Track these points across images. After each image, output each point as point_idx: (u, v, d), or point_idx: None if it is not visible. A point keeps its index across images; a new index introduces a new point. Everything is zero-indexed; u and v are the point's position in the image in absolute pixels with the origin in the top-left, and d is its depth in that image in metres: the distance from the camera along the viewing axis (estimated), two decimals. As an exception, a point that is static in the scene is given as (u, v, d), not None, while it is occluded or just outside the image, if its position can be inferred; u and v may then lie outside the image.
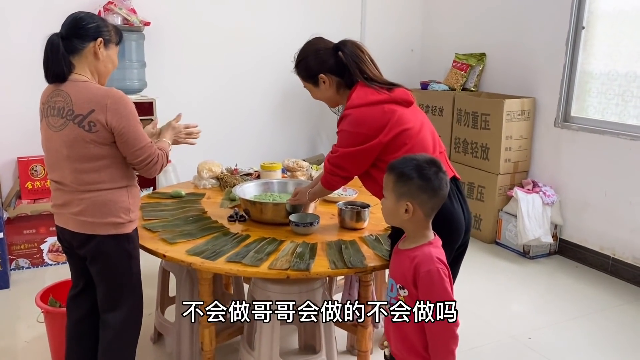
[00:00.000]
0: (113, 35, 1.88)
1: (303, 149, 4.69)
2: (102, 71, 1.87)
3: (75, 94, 1.77)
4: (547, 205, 3.69)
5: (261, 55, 4.34)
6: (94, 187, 1.80)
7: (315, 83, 1.99)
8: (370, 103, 1.85)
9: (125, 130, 1.76)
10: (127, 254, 1.88)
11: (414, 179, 1.46)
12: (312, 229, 2.17)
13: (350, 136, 1.87)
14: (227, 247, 2.03)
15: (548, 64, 3.80)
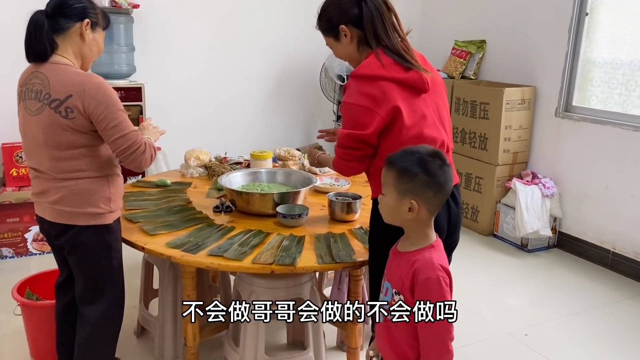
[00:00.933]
0: (100, 19, 1.79)
1: (297, 137, 4.58)
2: (86, 54, 1.78)
3: (53, 77, 1.68)
4: (547, 198, 3.59)
5: (255, 39, 4.22)
6: (72, 175, 1.71)
7: (336, 36, 1.74)
8: (378, 77, 1.60)
9: (103, 117, 1.66)
10: (106, 246, 1.80)
11: (418, 175, 1.32)
12: (300, 221, 2.08)
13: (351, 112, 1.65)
14: (210, 239, 1.94)
15: (550, 52, 3.68)
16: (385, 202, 1.40)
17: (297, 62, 4.39)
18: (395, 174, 1.36)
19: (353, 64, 1.79)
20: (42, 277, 2.32)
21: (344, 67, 4.03)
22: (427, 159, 1.34)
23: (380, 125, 1.60)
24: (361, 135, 1.61)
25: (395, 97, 1.60)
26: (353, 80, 1.66)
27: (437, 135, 1.67)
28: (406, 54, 1.66)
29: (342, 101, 1.68)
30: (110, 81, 3.49)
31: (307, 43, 4.35)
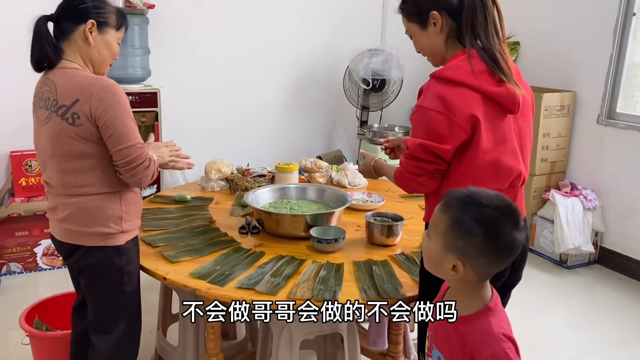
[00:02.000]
0: (112, 18, 1.62)
1: (319, 144, 4.38)
2: (95, 58, 1.61)
3: (60, 82, 1.54)
4: (588, 211, 3.36)
5: (276, 41, 4.01)
6: (80, 190, 1.55)
7: (422, 23, 1.49)
8: (464, 84, 1.37)
9: (110, 122, 1.49)
10: (117, 269, 1.62)
11: (478, 237, 1.05)
12: (336, 246, 1.87)
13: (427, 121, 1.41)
14: (238, 267, 1.74)
15: (592, 55, 3.44)
16: (428, 246, 1.15)
17: (319, 65, 4.19)
18: (448, 222, 1.09)
19: (435, 60, 1.56)
20: (53, 302, 2.14)
21: (369, 70, 3.82)
22: (495, 218, 1.05)
23: (462, 138, 1.37)
24: (438, 147, 1.39)
25: (473, 107, 1.37)
26: (434, 82, 1.42)
27: (515, 165, 1.44)
28: (503, 62, 1.41)
29: (417, 105, 1.45)
30: (124, 86, 3.31)
31: (330, 45, 4.14)
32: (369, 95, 4.00)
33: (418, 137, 1.42)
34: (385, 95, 4.00)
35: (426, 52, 1.55)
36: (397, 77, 3.89)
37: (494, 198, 1.08)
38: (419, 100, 1.45)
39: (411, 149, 1.43)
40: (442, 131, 1.37)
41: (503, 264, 1.11)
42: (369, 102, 4.04)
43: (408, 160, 1.45)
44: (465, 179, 1.40)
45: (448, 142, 1.38)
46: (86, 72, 1.58)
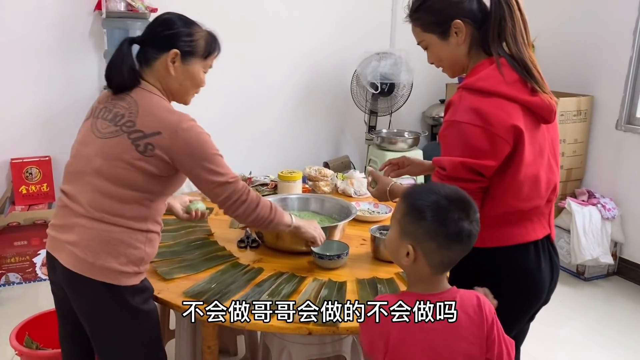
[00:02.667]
0: (199, 46, 1.52)
1: (326, 150, 4.27)
2: (174, 89, 1.53)
3: (144, 106, 1.44)
4: (607, 220, 3.22)
5: (282, 45, 3.92)
6: (110, 218, 1.41)
7: (443, 34, 1.38)
8: (499, 94, 1.28)
9: (197, 164, 1.44)
10: (130, 310, 1.44)
11: (426, 221, 1.12)
12: (339, 262, 1.77)
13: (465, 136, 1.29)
14: (234, 285, 1.64)
15: (610, 57, 3.30)
16: (389, 235, 1.23)
17: (326, 69, 4.08)
18: (404, 209, 1.17)
19: (454, 71, 1.45)
20: (45, 318, 2.05)
21: (378, 74, 3.71)
22: (445, 205, 1.12)
23: (505, 151, 1.27)
24: (480, 164, 1.27)
25: (516, 119, 1.26)
26: (466, 94, 1.31)
27: (552, 177, 1.36)
28: (535, 70, 1.31)
29: (448, 120, 1.32)
30: (126, 91, 3.24)
31: (338, 48, 4.04)
32: (378, 99, 3.89)
33: (454, 155, 1.29)
34: (394, 100, 3.89)
35: (445, 63, 1.44)
36: (406, 81, 3.78)
37: (449, 190, 1.16)
38: (449, 114, 1.33)
39: (449, 169, 1.30)
40: (482, 146, 1.26)
41: (452, 251, 1.15)
42: (377, 106, 3.93)
43: (447, 183, 1.29)
44: (508, 195, 1.32)
45: (490, 157, 1.27)
46: (168, 104, 1.50)
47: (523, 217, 1.37)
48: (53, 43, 3.25)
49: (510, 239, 1.37)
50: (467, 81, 1.34)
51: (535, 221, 1.40)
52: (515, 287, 1.38)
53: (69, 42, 3.29)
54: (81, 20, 3.29)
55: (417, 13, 1.41)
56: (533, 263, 1.39)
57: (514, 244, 1.37)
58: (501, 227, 1.37)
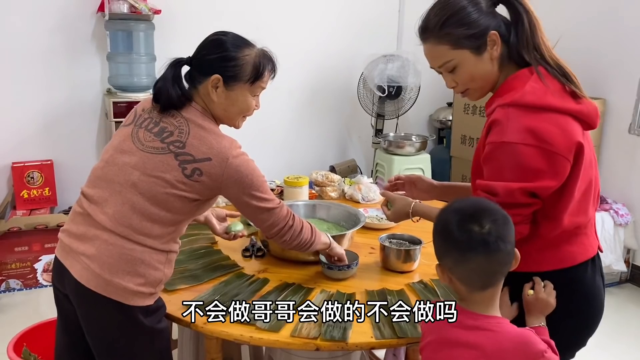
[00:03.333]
0: (245, 70, 1.43)
1: (332, 153, 4.21)
2: (219, 115, 1.47)
3: (196, 129, 1.39)
4: (620, 227, 3.15)
5: (287, 47, 3.85)
6: (135, 236, 1.34)
7: (478, 48, 1.26)
8: (550, 107, 1.20)
9: (246, 192, 1.42)
10: (143, 330, 1.38)
11: (438, 237, 1.19)
12: (349, 273, 1.71)
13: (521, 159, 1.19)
14: (238, 297, 1.57)
15: (623, 59, 3.23)
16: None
17: (333, 71, 4.03)
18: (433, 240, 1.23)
19: (484, 91, 1.35)
20: (43, 328, 1.99)
21: (385, 76, 3.65)
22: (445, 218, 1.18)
23: (567, 170, 1.19)
24: (538, 186, 1.18)
25: (577, 134, 1.19)
26: (515, 111, 1.20)
27: (597, 183, 1.30)
28: (571, 73, 1.24)
29: (495, 141, 1.21)
30: (129, 94, 3.19)
31: (344, 51, 3.98)
32: (385, 102, 3.83)
33: (506, 179, 1.20)
34: (402, 103, 3.83)
35: (478, 82, 1.32)
36: (413, 83, 3.72)
37: (463, 202, 1.19)
38: (495, 135, 1.22)
39: (504, 195, 1.20)
40: (539, 166, 1.18)
41: (472, 262, 1.13)
42: (384, 109, 3.87)
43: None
44: (566, 212, 1.25)
45: (548, 177, 1.18)
46: (218, 129, 1.44)
47: (580, 232, 1.30)
48: (55, 45, 3.21)
49: (571, 259, 1.30)
50: (513, 97, 1.22)
51: (589, 235, 1.34)
52: (581, 310, 1.32)
53: (71, 45, 3.25)
54: (84, 22, 3.24)
55: (445, 28, 1.27)
56: (593, 281, 1.33)
57: (575, 264, 1.30)
58: (560, 247, 1.29)
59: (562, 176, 1.20)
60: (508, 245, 1.15)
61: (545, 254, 1.29)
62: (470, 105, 3.81)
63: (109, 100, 3.10)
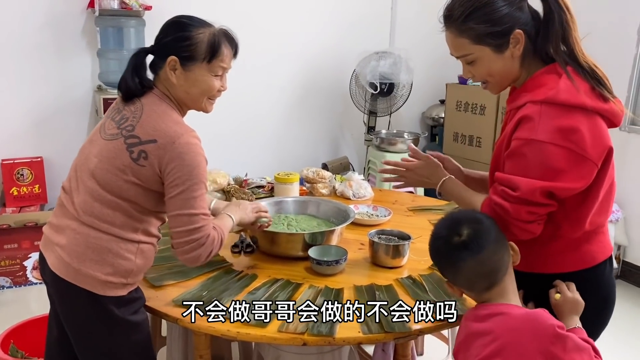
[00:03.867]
0: (200, 49, 1.40)
1: (324, 151, 4.20)
2: (182, 98, 1.44)
3: (149, 112, 1.37)
4: (610, 223, 3.15)
5: (279, 44, 3.85)
6: (99, 224, 1.35)
7: (499, 46, 1.24)
8: (583, 106, 1.18)
9: (180, 182, 1.33)
10: (114, 320, 1.38)
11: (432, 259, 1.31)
12: (337, 268, 1.70)
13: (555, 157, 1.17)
14: (227, 293, 1.57)
15: (614, 55, 3.23)
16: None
17: (325, 68, 4.02)
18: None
19: (501, 86, 1.33)
20: (31, 325, 1.99)
21: (377, 73, 3.65)
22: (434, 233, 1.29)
23: (593, 174, 1.18)
24: (561, 188, 1.17)
25: (608, 138, 1.19)
26: (548, 109, 1.18)
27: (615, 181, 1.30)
28: (602, 74, 1.23)
29: (526, 138, 1.19)
30: (119, 91, 3.17)
31: (336, 47, 3.97)
32: (377, 99, 3.82)
33: (530, 176, 1.18)
34: (394, 100, 3.82)
35: (496, 78, 1.30)
36: (406, 80, 3.71)
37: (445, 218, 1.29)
38: (526, 131, 1.20)
39: (525, 191, 1.18)
40: (564, 167, 1.16)
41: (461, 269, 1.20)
42: (376, 107, 3.86)
43: (516, 205, 1.20)
44: (590, 213, 1.25)
45: (570, 179, 1.17)
46: (178, 116, 1.41)
47: (599, 231, 1.31)
48: (45, 42, 3.18)
49: (592, 259, 1.30)
50: (547, 95, 1.20)
51: (606, 233, 1.34)
52: (600, 307, 1.33)
53: (61, 41, 3.22)
54: (74, 18, 3.22)
55: (468, 22, 1.23)
56: (610, 278, 1.34)
57: (597, 264, 1.30)
58: (582, 247, 1.29)
59: (587, 180, 1.18)
60: (491, 243, 1.17)
61: (567, 255, 1.29)
62: (462, 102, 3.81)
63: (100, 97, 3.07)
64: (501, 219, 1.23)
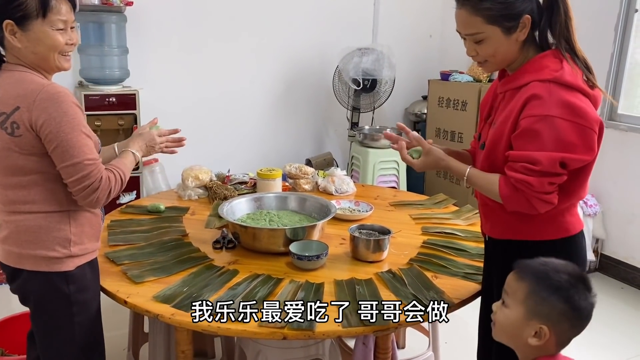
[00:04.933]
0: (31, 7, 1.34)
1: (308, 147, 4.21)
2: (31, 60, 1.38)
3: (4, 86, 1.35)
4: (589, 217, 3.21)
5: (262, 40, 3.85)
6: (21, 207, 1.38)
7: (508, 29, 1.33)
8: (583, 90, 1.29)
9: (53, 136, 1.30)
10: (64, 298, 1.42)
11: (560, 301, 1.10)
12: (318, 263, 1.72)
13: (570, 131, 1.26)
14: (207, 289, 1.58)
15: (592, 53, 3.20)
16: (505, 315, 1.15)
17: (308, 64, 4.02)
18: (529, 289, 1.13)
19: (498, 66, 1.42)
20: (10, 323, 1.97)
21: (360, 69, 3.66)
22: (573, 284, 1.11)
23: (597, 143, 1.29)
24: (576, 159, 1.26)
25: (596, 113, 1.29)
26: (556, 88, 1.28)
27: None
28: (590, 64, 1.34)
29: (539, 114, 1.27)
30: (101, 87, 3.15)
31: (319, 43, 3.98)
32: (360, 95, 3.84)
33: (547, 149, 1.26)
34: (377, 96, 3.85)
35: (498, 58, 1.38)
36: (388, 77, 3.74)
37: (568, 266, 1.14)
38: (538, 108, 1.28)
39: (547, 164, 1.26)
40: (574, 140, 1.26)
41: (581, 328, 1.14)
42: (359, 103, 3.88)
43: (540, 178, 1.27)
44: (580, 187, 1.36)
45: (581, 151, 1.27)
46: (34, 75, 1.37)
47: (575, 204, 1.42)
48: None
49: (572, 229, 1.41)
50: (554, 75, 1.29)
51: (577, 207, 1.44)
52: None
53: (41, 36, 3.18)
54: (54, 13, 3.18)
55: (485, 2, 1.31)
56: (585, 250, 1.45)
57: (575, 234, 1.41)
58: (564, 217, 1.39)
59: (594, 150, 1.28)
60: None
61: (550, 224, 1.38)
62: (444, 98, 3.84)
63: (81, 93, 3.05)
64: (523, 195, 1.30)
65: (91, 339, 1.51)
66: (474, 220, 2.15)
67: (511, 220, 1.40)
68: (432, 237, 2.00)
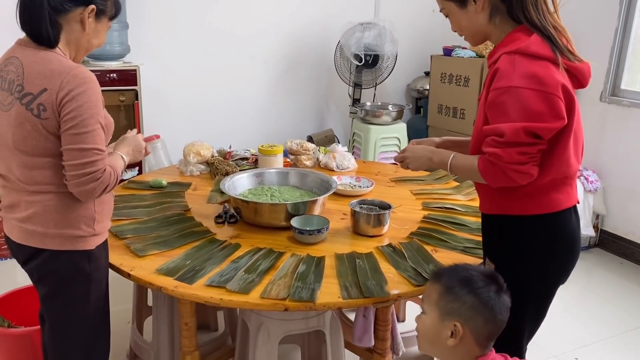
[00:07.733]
0: (109, 7, 1.44)
1: (309, 124, 4.21)
2: (82, 45, 1.43)
3: (30, 65, 1.34)
4: (589, 193, 3.22)
5: (263, 15, 3.81)
6: (46, 187, 1.37)
7: (461, 2, 1.40)
8: (552, 59, 1.28)
9: (71, 117, 1.30)
10: (85, 277, 1.44)
11: (467, 295, 1.14)
12: (319, 237, 1.73)
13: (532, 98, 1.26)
14: (210, 262, 1.60)
15: (595, 28, 3.25)
16: (423, 321, 1.21)
17: (309, 40, 3.99)
18: (440, 289, 1.17)
19: (475, 39, 1.47)
20: (17, 296, 2.00)
21: (362, 45, 3.63)
22: (482, 279, 1.16)
23: (563, 109, 1.27)
24: (542, 127, 1.25)
25: (559, 77, 1.27)
26: (520, 59, 1.28)
27: (583, 138, 1.41)
28: (559, 38, 1.31)
29: (502, 86, 1.28)
30: (101, 62, 3.13)
31: (321, 19, 3.94)
32: (362, 71, 3.82)
33: (511, 120, 1.26)
34: (379, 72, 3.82)
35: (465, 31, 1.46)
36: (390, 52, 3.71)
37: (481, 267, 1.21)
38: (502, 81, 1.28)
39: (510, 134, 1.26)
40: (541, 109, 1.25)
41: (497, 324, 1.16)
42: (361, 79, 3.86)
43: (507, 149, 1.27)
44: (559, 162, 1.35)
45: (550, 119, 1.26)
46: (62, 57, 1.37)
47: (566, 182, 1.40)
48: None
49: (556, 206, 1.39)
50: (519, 46, 1.29)
51: (573, 186, 1.43)
52: (564, 252, 1.42)
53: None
54: None
55: None
56: (575, 227, 1.43)
57: (559, 210, 1.40)
58: (547, 194, 1.38)
59: (562, 117, 1.27)
60: None
61: (533, 199, 1.37)
62: (447, 74, 3.82)
63: (81, 69, 3.04)
64: (498, 168, 1.31)
65: (101, 315, 1.54)
66: (474, 195, 2.17)
67: (495, 195, 1.42)
68: (432, 212, 2.02)
